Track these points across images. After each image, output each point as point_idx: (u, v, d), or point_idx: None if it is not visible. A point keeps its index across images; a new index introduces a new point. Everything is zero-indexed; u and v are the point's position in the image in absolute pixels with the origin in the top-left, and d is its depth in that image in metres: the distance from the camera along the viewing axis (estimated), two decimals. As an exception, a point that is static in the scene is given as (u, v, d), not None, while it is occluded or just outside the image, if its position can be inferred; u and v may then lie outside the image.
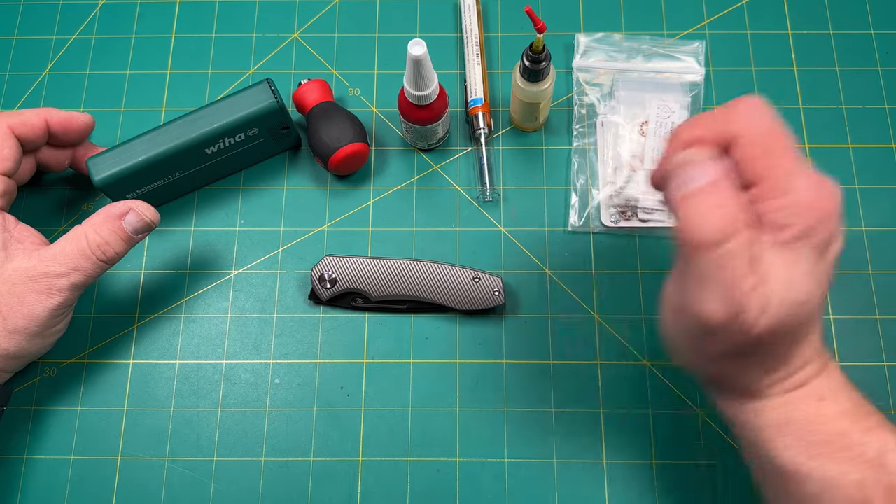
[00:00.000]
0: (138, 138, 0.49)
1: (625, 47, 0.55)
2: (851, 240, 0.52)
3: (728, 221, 0.29)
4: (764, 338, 0.31)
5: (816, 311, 0.32)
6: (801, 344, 0.33)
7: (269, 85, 0.49)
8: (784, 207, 0.30)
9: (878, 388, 0.49)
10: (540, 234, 0.53)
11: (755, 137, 0.31)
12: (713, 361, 0.34)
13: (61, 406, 0.50)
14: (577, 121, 0.55)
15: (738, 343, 0.31)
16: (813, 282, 0.31)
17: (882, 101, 0.55)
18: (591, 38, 0.55)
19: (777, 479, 0.34)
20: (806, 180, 0.30)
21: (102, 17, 0.59)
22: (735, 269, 0.29)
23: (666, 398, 0.49)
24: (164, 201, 0.54)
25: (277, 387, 0.50)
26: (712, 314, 0.30)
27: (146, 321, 0.52)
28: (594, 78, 0.54)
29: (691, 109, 0.53)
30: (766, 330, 0.30)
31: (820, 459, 0.32)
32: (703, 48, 0.55)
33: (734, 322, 0.30)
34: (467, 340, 0.51)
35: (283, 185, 0.55)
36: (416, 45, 0.44)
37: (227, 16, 0.59)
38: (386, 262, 0.50)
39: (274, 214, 0.54)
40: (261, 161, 0.55)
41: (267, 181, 0.55)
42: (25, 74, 0.58)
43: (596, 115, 0.54)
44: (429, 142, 0.54)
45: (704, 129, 0.32)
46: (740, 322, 0.30)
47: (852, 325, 0.50)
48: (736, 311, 0.30)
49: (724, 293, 0.30)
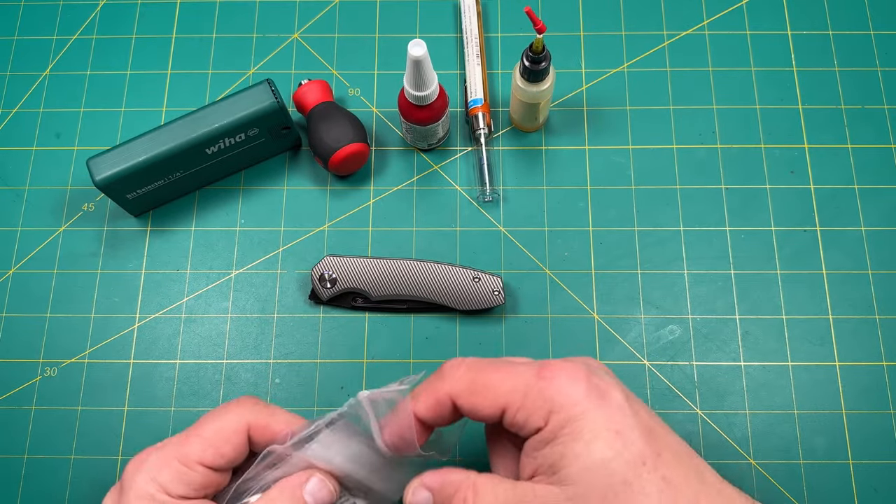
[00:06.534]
0: (139, 138, 0.49)
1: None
2: (851, 240, 0.52)
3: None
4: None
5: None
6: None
7: (270, 85, 0.50)
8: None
9: (878, 388, 0.49)
10: (540, 234, 0.53)
11: (463, 390, 0.33)
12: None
13: (61, 406, 0.50)
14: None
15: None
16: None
17: (881, 101, 0.55)
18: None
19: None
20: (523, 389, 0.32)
21: (103, 18, 0.59)
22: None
23: (666, 397, 0.49)
24: (164, 201, 0.54)
25: (278, 386, 0.50)
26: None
27: (146, 321, 0.52)
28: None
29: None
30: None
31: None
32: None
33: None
34: (467, 340, 0.51)
35: (284, 185, 0.55)
36: (416, 45, 0.44)
37: (227, 16, 0.59)
38: (386, 262, 0.50)
39: (274, 214, 0.54)
40: (261, 161, 0.55)
41: (267, 181, 0.55)
42: (26, 75, 0.58)
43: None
44: (429, 142, 0.54)
45: (424, 406, 0.34)
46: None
47: (852, 325, 0.50)
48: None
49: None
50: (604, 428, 0.30)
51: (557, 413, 0.31)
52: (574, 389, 0.31)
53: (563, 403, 0.31)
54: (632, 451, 0.30)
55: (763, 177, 0.54)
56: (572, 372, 0.32)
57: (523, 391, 0.32)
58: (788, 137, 0.55)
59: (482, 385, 0.33)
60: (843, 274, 0.52)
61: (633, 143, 0.55)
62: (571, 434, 0.30)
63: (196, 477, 0.34)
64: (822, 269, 0.52)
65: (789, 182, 0.54)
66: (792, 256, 0.52)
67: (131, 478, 0.34)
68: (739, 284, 0.51)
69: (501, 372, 0.33)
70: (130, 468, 0.34)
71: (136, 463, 0.34)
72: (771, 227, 0.53)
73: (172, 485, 0.34)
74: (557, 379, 0.32)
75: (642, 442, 0.30)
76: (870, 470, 0.47)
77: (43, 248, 0.53)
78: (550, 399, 0.31)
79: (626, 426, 0.31)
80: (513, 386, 0.32)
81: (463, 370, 0.34)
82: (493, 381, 0.33)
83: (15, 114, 0.57)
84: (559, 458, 0.30)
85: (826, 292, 0.51)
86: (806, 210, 0.53)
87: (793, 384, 0.49)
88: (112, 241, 0.54)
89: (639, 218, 0.53)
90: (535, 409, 0.31)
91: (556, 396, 0.31)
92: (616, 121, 0.56)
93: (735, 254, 0.52)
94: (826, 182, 0.54)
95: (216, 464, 0.34)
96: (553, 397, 0.31)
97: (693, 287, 0.51)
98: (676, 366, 0.50)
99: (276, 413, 0.36)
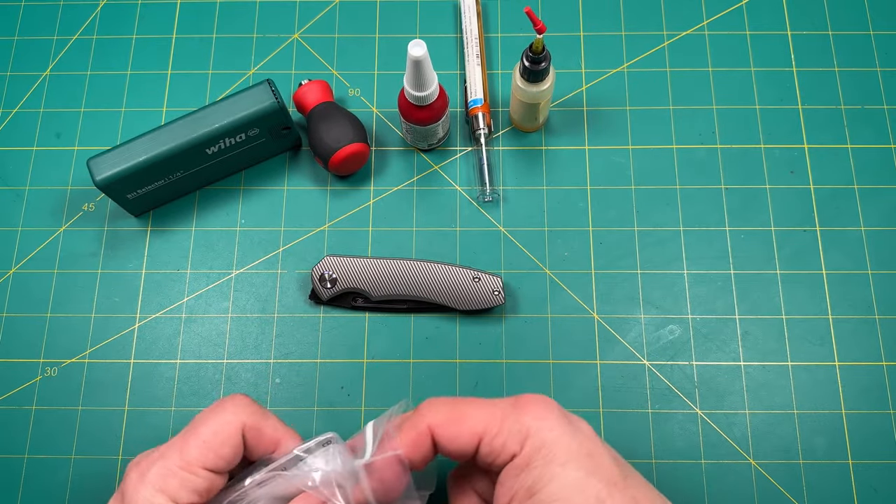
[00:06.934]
0: (139, 138, 0.49)
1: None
2: (851, 240, 0.52)
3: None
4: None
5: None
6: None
7: (270, 85, 0.50)
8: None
9: (878, 388, 0.49)
10: (540, 234, 0.53)
11: (442, 420, 0.34)
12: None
13: (61, 406, 0.50)
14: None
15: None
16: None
17: (881, 101, 0.55)
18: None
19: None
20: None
21: (103, 18, 0.59)
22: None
23: (666, 397, 0.49)
24: (164, 201, 0.54)
25: (278, 386, 0.50)
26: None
27: (146, 321, 0.52)
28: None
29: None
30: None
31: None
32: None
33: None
34: (467, 340, 0.51)
35: (284, 186, 0.55)
36: (416, 45, 0.44)
37: (227, 16, 0.59)
38: (386, 262, 0.50)
39: (274, 214, 0.54)
40: (261, 161, 0.55)
41: (267, 181, 0.55)
42: (26, 75, 0.58)
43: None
44: (429, 142, 0.54)
45: (408, 441, 0.34)
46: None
47: (852, 325, 0.50)
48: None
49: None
50: (577, 451, 0.32)
51: (533, 437, 0.33)
52: (548, 416, 0.33)
53: (538, 428, 0.33)
54: (604, 472, 0.32)
55: (763, 177, 0.54)
56: (545, 402, 0.34)
57: (501, 417, 0.33)
58: (788, 137, 0.55)
59: (461, 414, 0.34)
60: (843, 274, 0.52)
61: (633, 144, 0.55)
62: (546, 457, 0.32)
63: (201, 482, 0.34)
64: (821, 270, 0.52)
65: (789, 182, 0.54)
66: (792, 256, 0.52)
67: (135, 489, 0.33)
68: (739, 284, 0.51)
69: (478, 403, 0.35)
70: (132, 479, 0.34)
71: (137, 473, 0.34)
72: (771, 228, 0.53)
73: (180, 493, 0.33)
74: (532, 407, 0.34)
75: (613, 465, 0.33)
76: (869, 470, 0.47)
77: (43, 248, 0.54)
78: (527, 425, 0.33)
79: (597, 451, 0.33)
80: (490, 413, 0.34)
81: (441, 402, 0.35)
82: (471, 409, 0.34)
83: (15, 114, 0.57)
84: (535, 481, 0.32)
85: (826, 292, 0.51)
86: (806, 210, 0.53)
87: (792, 384, 0.49)
88: (112, 241, 0.54)
89: (639, 218, 0.53)
90: (512, 434, 0.33)
91: (531, 422, 0.33)
92: (616, 121, 0.56)
93: (735, 254, 0.52)
94: (826, 182, 0.54)
95: (217, 466, 0.34)
96: (529, 423, 0.33)
97: (693, 287, 0.51)
98: (676, 366, 0.50)
99: (268, 417, 0.36)
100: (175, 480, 0.33)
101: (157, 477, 0.33)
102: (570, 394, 0.49)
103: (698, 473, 0.48)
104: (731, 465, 0.48)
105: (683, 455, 0.48)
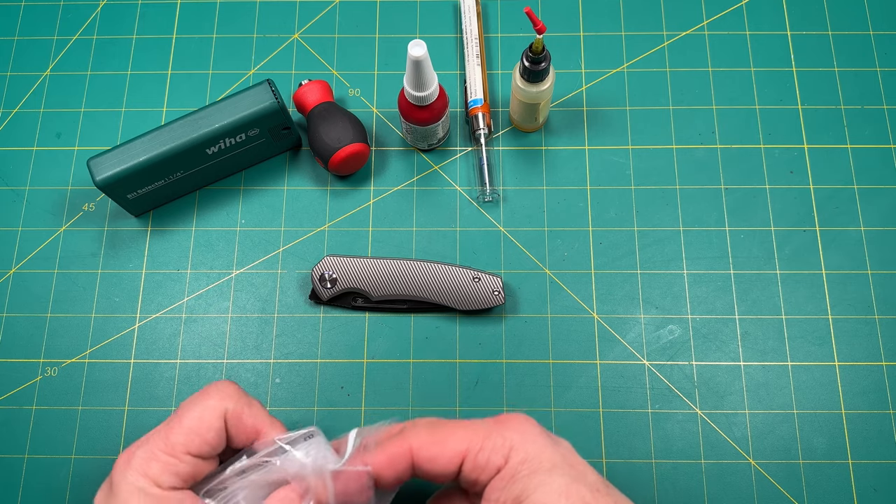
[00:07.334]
0: (139, 139, 0.49)
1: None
2: (851, 240, 0.52)
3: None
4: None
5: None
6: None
7: (270, 85, 0.50)
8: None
9: (878, 388, 0.49)
10: (540, 234, 0.53)
11: (424, 441, 0.34)
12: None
13: (61, 406, 0.50)
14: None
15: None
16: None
17: (881, 101, 0.56)
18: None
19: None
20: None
21: (103, 18, 0.60)
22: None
23: (665, 397, 0.49)
24: (164, 201, 0.54)
25: (278, 386, 0.50)
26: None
27: (147, 321, 0.52)
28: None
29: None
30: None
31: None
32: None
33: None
34: (467, 340, 0.51)
35: (284, 186, 0.55)
36: (416, 45, 0.44)
37: (227, 16, 0.59)
38: (386, 262, 0.50)
39: (274, 214, 0.54)
40: (261, 161, 0.55)
41: (267, 181, 0.55)
42: (26, 75, 0.58)
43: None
44: (429, 142, 0.54)
45: (382, 459, 0.34)
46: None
47: (851, 325, 0.50)
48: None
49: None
50: (560, 460, 0.34)
51: (517, 450, 0.33)
52: (531, 430, 0.35)
53: (522, 440, 0.34)
54: (587, 480, 0.34)
55: (762, 177, 0.54)
56: (527, 419, 0.35)
57: (483, 434, 0.34)
58: (788, 137, 0.55)
59: (443, 436, 0.34)
60: (843, 274, 0.52)
61: (633, 144, 0.55)
62: (531, 467, 0.33)
63: (184, 467, 0.34)
64: (821, 269, 0.52)
65: (789, 182, 0.54)
66: (791, 256, 0.52)
67: (121, 473, 0.34)
68: (739, 284, 0.52)
69: (461, 423, 0.35)
70: (119, 464, 0.34)
71: (124, 459, 0.34)
72: (770, 227, 0.53)
73: (163, 477, 0.34)
74: (514, 422, 0.35)
75: (594, 475, 0.35)
76: (869, 470, 0.47)
77: (43, 248, 0.54)
78: (510, 438, 0.34)
79: (578, 463, 0.35)
80: (473, 431, 0.34)
81: (424, 424, 0.35)
82: (453, 430, 0.35)
83: (15, 114, 0.57)
84: (522, 491, 0.33)
85: (825, 292, 0.51)
86: (805, 210, 0.53)
87: (792, 384, 0.49)
88: (112, 241, 0.54)
89: (638, 218, 0.53)
90: (496, 448, 0.33)
91: (515, 436, 0.34)
92: (616, 121, 0.56)
93: (734, 254, 0.52)
94: (825, 182, 0.54)
95: (202, 451, 0.35)
96: (512, 437, 0.34)
97: (692, 287, 0.51)
98: (676, 366, 0.50)
99: (252, 405, 0.37)
100: (158, 464, 0.34)
101: (142, 461, 0.34)
102: (570, 394, 0.49)
103: (698, 473, 0.48)
104: (730, 465, 0.48)
105: (683, 455, 0.48)
